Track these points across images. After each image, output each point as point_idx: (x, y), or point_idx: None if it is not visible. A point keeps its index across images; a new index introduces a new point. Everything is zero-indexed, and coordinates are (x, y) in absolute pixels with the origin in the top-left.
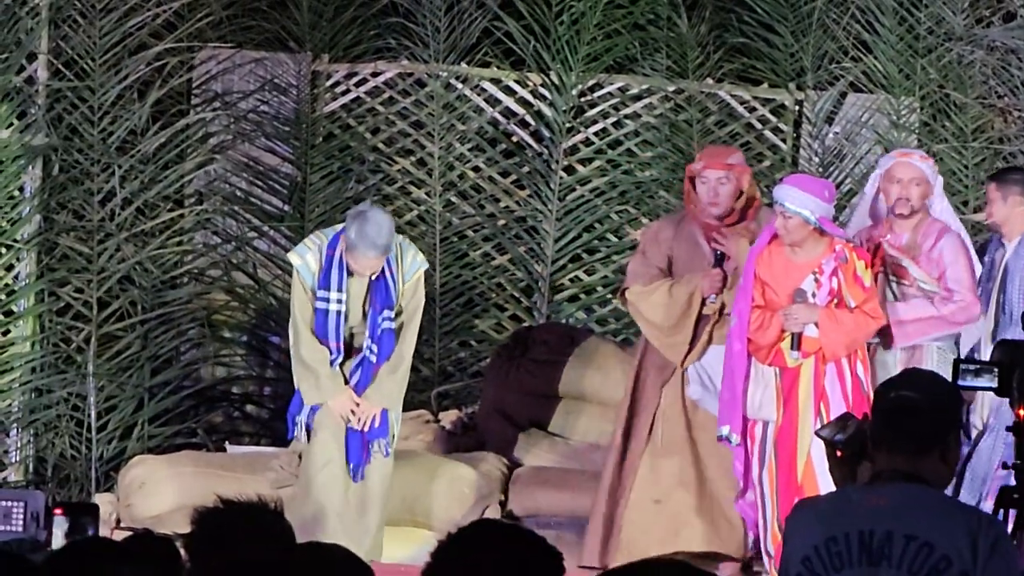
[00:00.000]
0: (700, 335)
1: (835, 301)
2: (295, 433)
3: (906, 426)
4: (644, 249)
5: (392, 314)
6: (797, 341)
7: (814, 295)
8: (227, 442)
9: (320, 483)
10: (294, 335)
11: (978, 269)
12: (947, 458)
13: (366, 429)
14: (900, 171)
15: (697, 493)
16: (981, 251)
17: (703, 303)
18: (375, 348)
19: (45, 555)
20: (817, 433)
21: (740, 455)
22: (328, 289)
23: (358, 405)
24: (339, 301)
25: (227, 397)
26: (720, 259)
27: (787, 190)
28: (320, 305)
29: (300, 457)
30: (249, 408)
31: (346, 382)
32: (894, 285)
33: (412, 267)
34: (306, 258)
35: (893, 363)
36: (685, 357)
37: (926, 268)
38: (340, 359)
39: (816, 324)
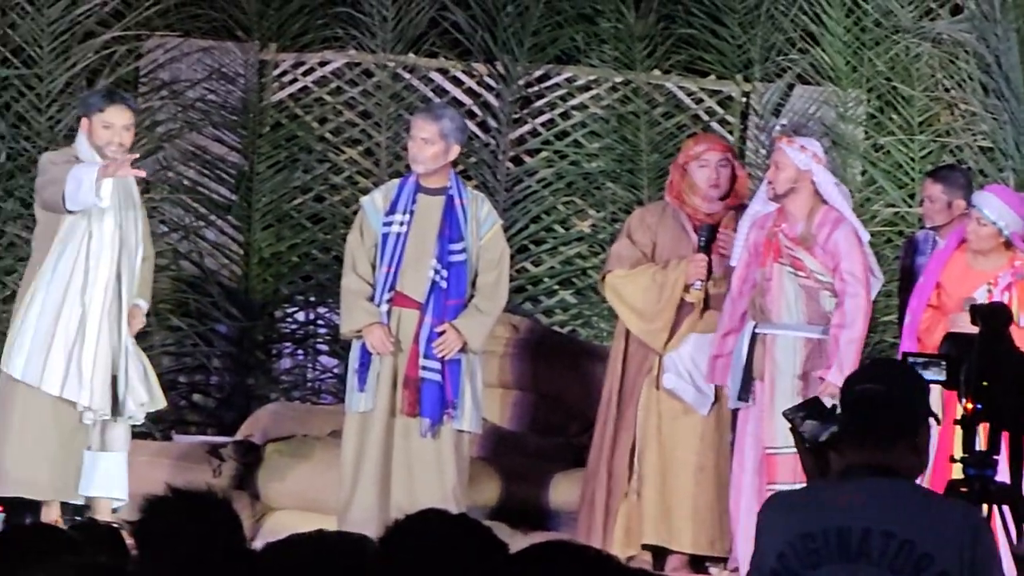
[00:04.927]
0: (681, 323)
1: None
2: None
3: (873, 419)
4: (630, 232)
5: (461, 247)
6: None
7: None
8: (173, 431)
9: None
10: (343, 272)
11: (872, 262)
12: (918, 449)
13: (448, 356)
14: (774, 155)
15: (670, 488)
16: (911, 246)
17: (686, 289)
18: (444, 274)
19: None
20: (790, 419)
21: None
22: (394, 213)
23: (393, 340)
24: (401, 223)
25: (174, 386)
26: (706, 246)
27: (988, 198)
28: (384, 230)
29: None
30: (196, 397)
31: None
32: (793, 277)
33: (489, 219)
34: (374, 196)
35: None
36: (665, 345)
37: (821, 259)
38: (391, 285)
39: None
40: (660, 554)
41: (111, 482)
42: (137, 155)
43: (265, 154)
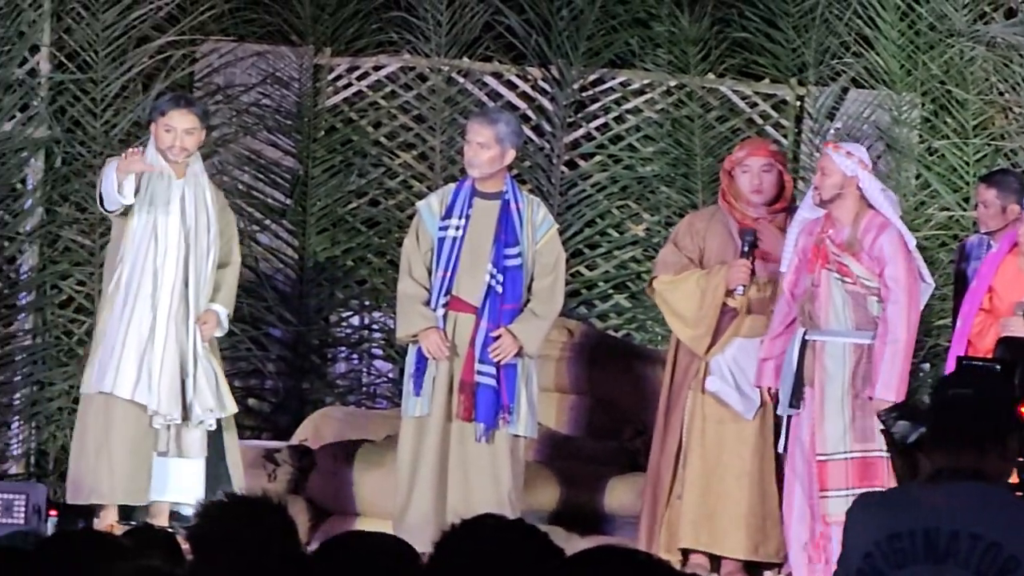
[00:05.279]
0: (724, 327)
1: None
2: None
3: (962, 424)
4: (676, 239)
5: (517, 252)
6: None
7: None
8: None
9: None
10: (399, 276)
11: (922, 267)
12: (1007, 454)
13: (504, 360)
14: (820, 160)
15: (714, 492)
16: (963, 250)
17: (729, 295)
18: (500, 278)
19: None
20: (883, 420)
21: None
22: (450, 217)
23: (449, 344)
24: (457, 228)
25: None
26: (749, 251)
27: None
28: (440, 235)
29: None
30: (251, 402)
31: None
32: (840, 283)
33: (544, 223)
34: (430, 200)
35: None
36: (708, 349)
37: (867, 264)
38: (447, 289)
39: None
40: (714, 558)
41: (183, 487)
42: (141, 147)
43: (320, 158)
